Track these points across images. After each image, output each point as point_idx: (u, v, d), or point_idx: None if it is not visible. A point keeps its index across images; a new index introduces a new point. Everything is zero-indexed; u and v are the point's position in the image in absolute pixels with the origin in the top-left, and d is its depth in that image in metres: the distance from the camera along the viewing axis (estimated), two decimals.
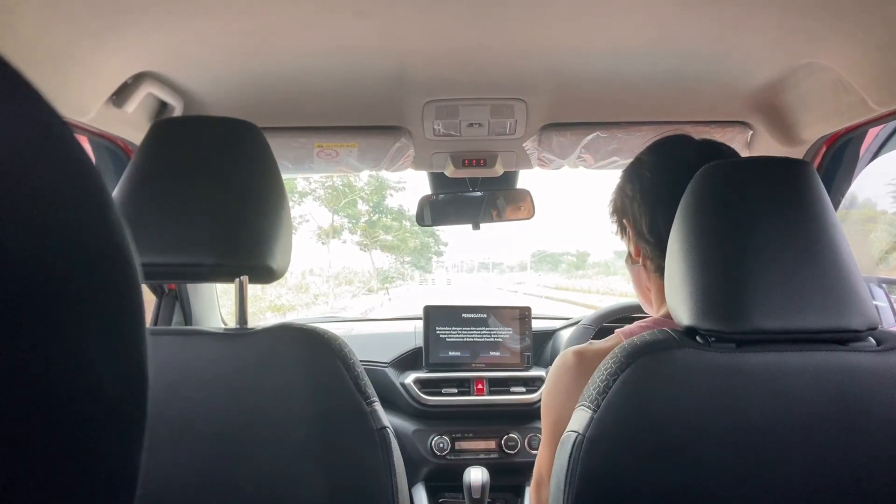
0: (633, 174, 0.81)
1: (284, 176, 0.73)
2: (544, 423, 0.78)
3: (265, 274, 0.67)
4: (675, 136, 0.83)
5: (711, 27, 0.82)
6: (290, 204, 0.75)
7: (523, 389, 1.45)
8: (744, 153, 1.20)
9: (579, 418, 0.59)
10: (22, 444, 0.16)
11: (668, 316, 0.75)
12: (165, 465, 0.60)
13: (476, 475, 1.29)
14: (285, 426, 0.62)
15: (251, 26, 0.80)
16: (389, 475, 0.64)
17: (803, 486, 0.54)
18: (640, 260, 0.81)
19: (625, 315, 1.43)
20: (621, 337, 0.74)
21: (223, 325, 1.48)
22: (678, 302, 0.60)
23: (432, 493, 1.42)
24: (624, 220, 0.82)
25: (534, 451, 1.38)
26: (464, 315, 1.52)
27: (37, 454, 0.17)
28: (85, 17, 0.73)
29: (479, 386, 1.45)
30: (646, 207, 0.78)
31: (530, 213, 1.49)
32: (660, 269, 0.78)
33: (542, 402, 0.79)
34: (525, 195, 1.47)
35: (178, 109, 1.02)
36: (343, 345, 0.66)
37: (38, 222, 0.17)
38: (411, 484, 1.41)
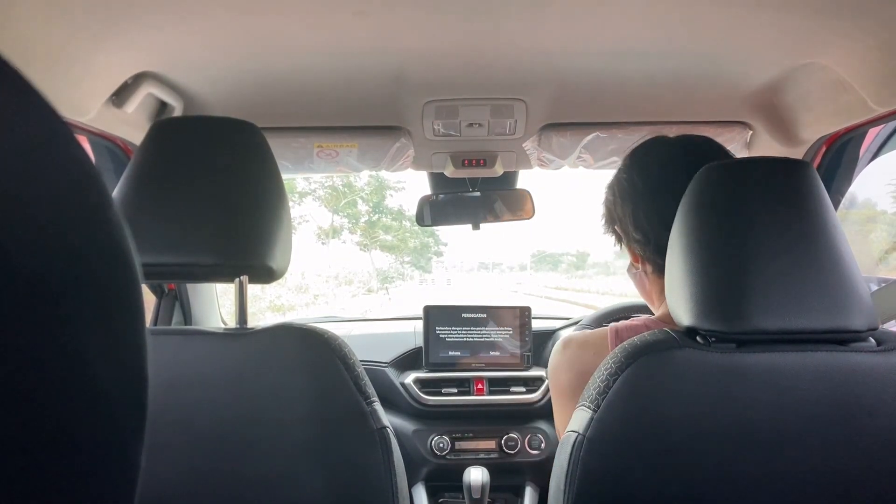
0: (613, 181, 0.84)
1: (284, 176, 0.74)
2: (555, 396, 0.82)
3: (265, 274, 0.67)
4: (651, 138, 0.84)
5: (711, 27, 0.82)
6: (290, 204, 0.75)
7: (523, 389, 1.45)
8: (744, 153, 1.20)
9: (579, 418, 0.59)
10: (22, 445, 0.16)
11: (664, 317, 0.76)
12: (165, 464, 0.60)
13: (476, 475, 1.29)
14: (285, 426, 0.62)
15: (251, 26, 0.80)
16: (389, 475, 0.64)
17: (803, 486, 0.54)
18: (640, 265, 0.82)
19: (625, 315, 1.43)
20: (606, 331, 0.76)
21: (223, 325, 1.48)
22: (678, 302, 0.60)
23: (432, 493, 1.42)
24: (615, 227, 0.84)
25: (534, 451, 1.38)
26: (464, 315, 1.52)
27: (37, 454, 0.17)
28: (85, 17, 0.73)
29: (479, 386, 1.45)
30: (626, 206, 0.80)
31: (530, 213, 1.49)
32: (657, 269, 0.79)
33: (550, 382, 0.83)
34: (525, 195, 1.47)
35: (178, 109, 1.02)
36: (343, 345, 0.66)
37: (38, 222, 0.17)
38: (411, 484, 1.41)
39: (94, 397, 0.18)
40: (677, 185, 0.71)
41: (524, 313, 1.54)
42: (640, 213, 0.78)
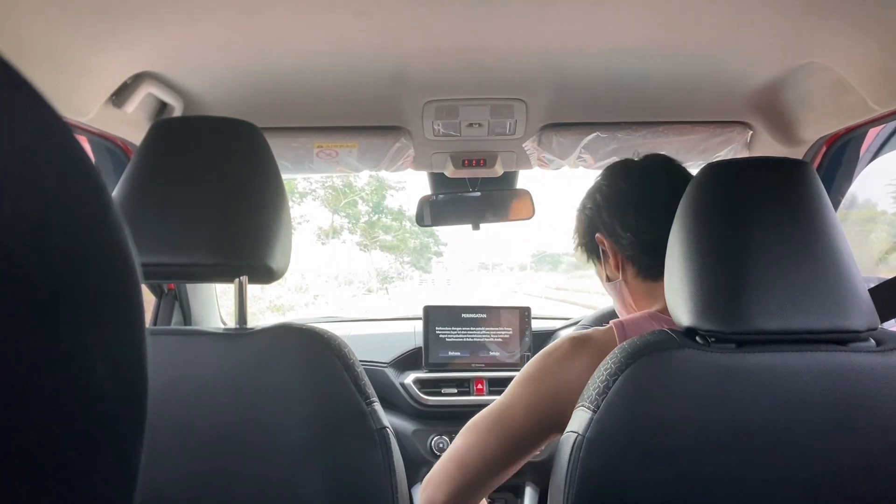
0: (591, 194, 0.88)
1: (284, 176, 0.73)
2: (525, 387, 0.76)
3: (265, 274, 0.67)
4: (621, 160, 0.90)
5: (711, 27, 0.82)
6: (290, 204, 0.75)
7: None
8: (744, 153, 1.20)
9: (579, 419, 0.59)
10: (21, 444, 0.16)
11: (662, 311, 0.75)
12: (165, 464, 0.60)
13: None
14: (284, 426, 0.62)
15: (251, 26, 0.80)
16: (389, 475, 0.64)
17: (802, 486, 0.54)
18: (620, 274, 0.83)
19: None
20: (613, 327, 0.75)
21: (223, 325, 1.48)
22: (678, 302, 0.60)
23: None
24: (597, 235, 0.85)
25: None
26: (463, 315, 1.52)
27: (36, 454, 0.17)
28: (85, 17, 0.73)
29: (479, 386, 1.45)
30: (615, 209, 0.83)
31: (530, 214, 1.49)
32: (643, 270, 0.80)
33: (528, 372, 0.77)
34: (525, 195, 1.47)
35: (178, 109, 1.02)
36: (343, 345, 0.66)
37: (38, 222, 0.17)
38: (411, 484, 1.41)
39: (93, 398, 0.18)
40: (659, 186, 0.80)
41: (524, 313, 1.54)
42: (629, 213, 0.81)
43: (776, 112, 1.10)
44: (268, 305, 11.34)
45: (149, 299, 1.33)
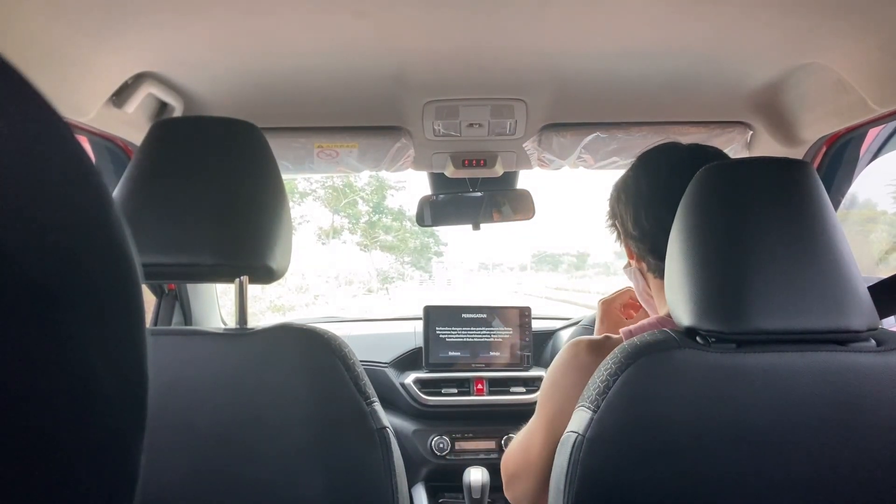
0: (620, 179, 0.85)
1: (284, 176, 0.74)
2: (542, 412, 0.76)
3: (265, 274, 0.67)
4: (664, 143, 0.84)
5: (711, 27, 0.82)
6: (291, 204, 0.75)
7: (523, 389, 1.45)
8: (744, 153, 1.20)
9: (579, 419, 0.59)
10: (21, 445, 0.16)
11: (670, 315, 0.75)
12: (165, 465, 0.60)
13: (476, 475, 1.29)
14: (285, 426, 0.62)
15: (251, 26, 0.80)
16: (389, 475, 0.64)
17: (803, 487, 0.54)
18: (636, 262, 0.82)
19: None
20: (622, 336, 0.73)
21: (223, 326, 1.48)
22: (678, 302, 0.60)
23: (432, 494, 1.42)
24: (615, 222, 0.85)
25: None
26: (464, 315, 1.52)
27: (36, 454, 0.17)
28: (85, 17, 0.73)
29: (479, 386, 1.45)
30: (628, 204, 0.81)
31: (530, 214, 1.49)
32: (654, 270, 0.79)
33: (542, 393, 0.78)
34: (525, 195, 1.47)
35: (178, 110, 1.02)
36: (343, 345, 0.66)
37: (39, 222, 0.17)
38: (411, 484, 1.42)
39: (93, 398, 0.18)
40: (680, 191, 0.70)
41: (524, 313, 1.54)
42: (640, 213, 0.79)
43: (776, 112, 1.10)
44: (268, 306, 11.33)
45: (149, 299, 1.33)
